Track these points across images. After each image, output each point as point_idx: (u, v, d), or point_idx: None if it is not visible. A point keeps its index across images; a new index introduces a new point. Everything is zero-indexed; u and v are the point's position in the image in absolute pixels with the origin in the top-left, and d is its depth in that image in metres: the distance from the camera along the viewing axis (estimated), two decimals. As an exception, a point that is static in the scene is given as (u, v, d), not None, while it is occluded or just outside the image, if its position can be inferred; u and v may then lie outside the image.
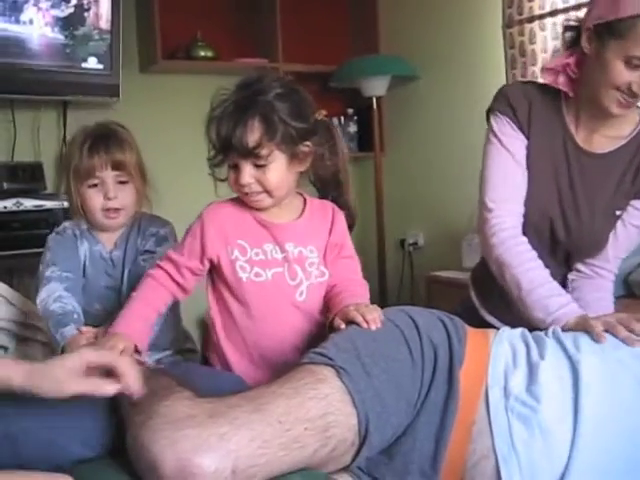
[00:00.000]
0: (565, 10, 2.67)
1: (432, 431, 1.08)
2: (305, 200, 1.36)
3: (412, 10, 3.53)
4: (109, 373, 0.99)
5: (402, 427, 1.08)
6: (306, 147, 1.27)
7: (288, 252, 1.30)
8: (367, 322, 1.15)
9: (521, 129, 1.50)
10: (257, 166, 1.23)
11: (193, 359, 1.58)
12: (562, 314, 1.31)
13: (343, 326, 1.19)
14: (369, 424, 1.02)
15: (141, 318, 1.27)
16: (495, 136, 1.52)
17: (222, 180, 1.31)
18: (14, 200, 2.87)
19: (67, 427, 1.03)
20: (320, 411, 0.99)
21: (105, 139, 1.52)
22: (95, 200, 1.52)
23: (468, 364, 1.13)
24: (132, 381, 0.98)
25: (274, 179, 1.25)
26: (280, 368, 1.19)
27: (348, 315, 1.19)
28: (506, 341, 1.18)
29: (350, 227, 1.40)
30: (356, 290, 1.32)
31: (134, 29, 3.41)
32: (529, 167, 1.51)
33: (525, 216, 1.50)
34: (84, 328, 1.39)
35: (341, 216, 1.37)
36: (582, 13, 1.46)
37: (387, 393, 1.06)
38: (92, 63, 3.11)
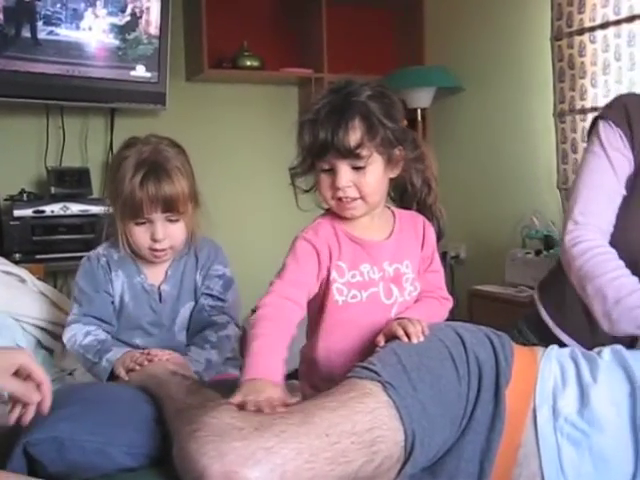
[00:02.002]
0: (617, 22, 2.62)
1: (477, 452, 1.06)
2: (394, 213, 1.31)
3: (458, 21, 3.51)
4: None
5: (447, 445, 1.06)
6: (399, 151, 1.23)
7: (385, 271, 1.25)
8: (409, 336, 1.13)
9: (632, 146, 1.38)
10: (355, 169, 1.19)
11: (233, 365, 1.56)
12: None
13: (382, 343, 1.16)
14: (415, 439, 1.01)
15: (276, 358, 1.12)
16: (601, 145, 1.39)
17: (306, 191, 1.28)
18: (61, 204, 2.93)
19: (113, 437, 1.04)
20: (367, 425, 0.98)
21: (156, 172, 1.38)
22: (142, 238, 1.42)
23: (515, 383, 1.10)
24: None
25: (372, 183, 1.20)
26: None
27: (391, 330, 1.17)
28: (555, 359, 1.15)
29: (439, 238, 1.34)
30: (425, 307, 1.28)
31: (181, 38, 3.46)
32: (634, 191, 1.38)
33: (621, 245, 1.37)
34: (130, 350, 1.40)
35: (431, 228, 1.32)
36: (635, 25, 1.38)
37: (433, 409, 1.04)
38: (140, 71, 3.18)
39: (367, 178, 1.19)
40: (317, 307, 1.26)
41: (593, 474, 1.02)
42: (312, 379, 1.31)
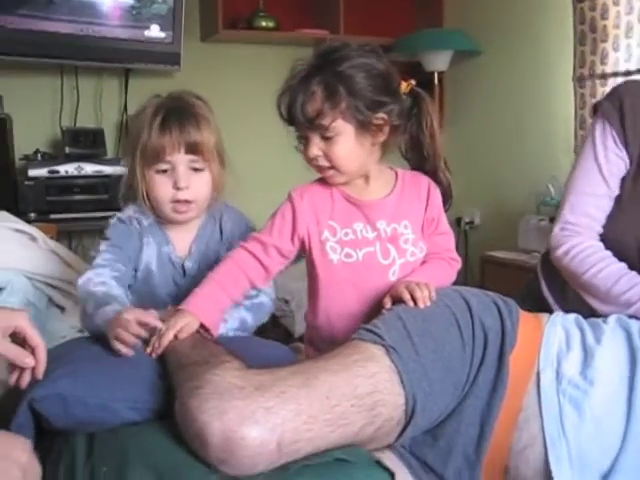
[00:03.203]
0: (641, -17, 2.55)
1: (478, 415, 1.07)
2: (397, 174, 1.30)
3: (478, -18, 3.43)
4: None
5: (448, 409, 1.07)
6: (380, 119, 1.21)
7: (380, 230, 1.25)
8: (416, 300, 1.13)
9: (626, 146, 1.38)
10: (324, 139, 1.19)
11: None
12: None
13: (389, 305, 1.17)
14: (416, 404, 1.02)
15: (212, 299, 1.20)
16: (593, 147, 1.41)
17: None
18: (76, 164, 2.94)
19: (116, 392, 1.04)
20: (367, 389, 0.98)
21: (179, 115, 1.28)
22: (163, 189, 1.29)
23: (519, 349, 1.11)
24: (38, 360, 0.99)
25: (341, 152, 1.20)
26: None
27: (398, 292, 1.16)
28: (560, 325, 1.16)
29: (445, 202, 1.34)
30: (433, 268, 1.27)
31: (196, -2, 3.42)
32: (627, 191, 1.39)
33: (613, 245, 1.39)
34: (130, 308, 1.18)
35: (436, 190, 1.31)
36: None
37: (435, 374, 1.04)
38: (155, 31, 3.15)
39: (335, 148, 1.19)
40: (314, 268, 1.27)
41: (593, 434, 1.03)
42: (315, 343, 1.32)
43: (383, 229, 1.25)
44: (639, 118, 1.37)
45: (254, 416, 0.89)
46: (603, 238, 1.42)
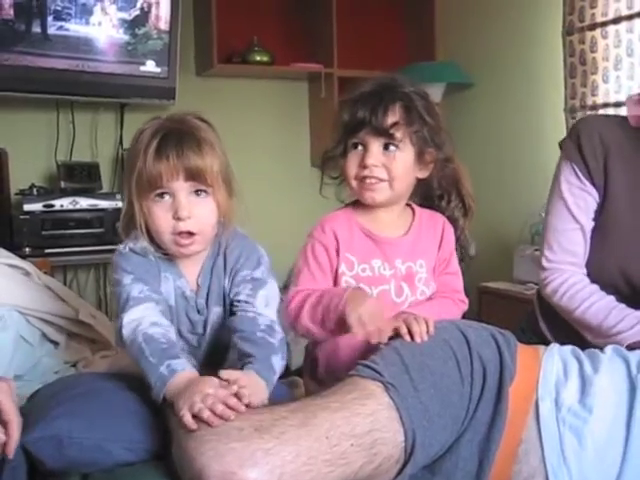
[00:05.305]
0: (629, 17, 2.59)
1: (477, 450, 1.06)
2: (414, 211, 1.31)
3: (469, 16, 3.49)
4: None
5: (447, 444, 1.06)
6: (432, 155, 1.24)
7: (397, 269, 1.25)
8: (412, 335, 1.11)
9: (591, 179, 1.40)
10: (386, 150, 1.20)
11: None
12: (636, 332, 1.26)
13: (385, 339, 1.14)
14: (415, 441, 1.00)
15: None
16: (558, 184, 1.44)
17: (334, 178, 1.29)
18: (70, 199, 2.94)
19: (112, 432, 1.03)
20: (367, 427, 0.97)
21: (179, 138, 1.12)
22: (163, 220, 1.13)
23: (518, 381, 1.10)
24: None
25: (400, 167, 1.21)
26: None
27: (395, 326, 1.15)
28: (557, 355, 1.16)
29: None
30: (438, 305, 1.27)
31: (191, 33, 3.46)
32: (607, 222, 1.41)
33: (599, 274, 1.42)
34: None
35: (451, 230, 1.32)
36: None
37: (434, 409, 1.03)
38: (150, 66, 3.17)
39: (397, 161, 1.20)
40: None
41: (593, 461, 1.02)
42: (316, 374, 1.30)
43: (399, 267, 1.25)
44: (598, 149, 1.39)
45: (253, 458, 0.88)
46: (588, 272, 1.44)
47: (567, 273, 1.43)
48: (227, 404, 0.94)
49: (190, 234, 1.14)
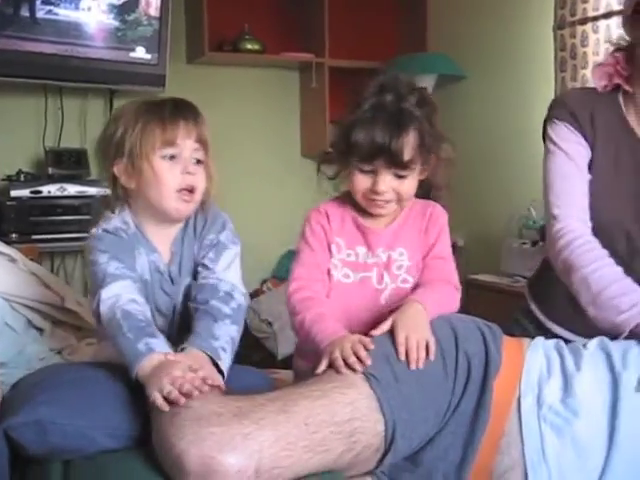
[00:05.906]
0: (620, 12, 2.59)
1: (460, 440, 1.07)
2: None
3: (461, 8, 3.48)
4: None
5: (429, 436, 1.07)
6: (432, 160, 1.26)
7: (379, 257, 1.28)
8: (409, 361, 1.08)
9: (584, 135, 1.43)
10: (398, 176, 1.22)
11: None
12: (636, 313, 1.22)
13: (377, 334, 1.13)
14: (395, 431, 1.01)
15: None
16: (554, 144, 1.44)
17: (331, 178, 1.31)
18: (58, 185, 2.93)
19: (95, 419, 1.03)
20: (346, 416, 0.98)
21: (187, 107, 1.25)
22: (171, 175, 1.20)
23: (502, 374, 1.11)
24: None
25: (410, 189, 1.25)
26: None
27: (395, 339, 1.10)
28: (541, 350, 1.16)
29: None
30: (442, 293, 1.25)
31: (182, 21, 3.44)
32: (597, 176, 1.43)
33: (596, 228, 1.41)
34: (172, 354, 1.09)
35: (439, 215, 1.31)
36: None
37: (416, 401, 1.04)
38: (140, 53, 3.15)
39: (406, 185, 1.24)
40: None
41: (574, 461, 1.03)
42: (305, 352, 1.31)
43: (380, 256, 1.28)
44: (585, 108, 1.43)
45: (232, 442, 0.89)
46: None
47: (580, 230, 1.40)
48: (194, 385, 0.98)
49: (191, 192, 1.22)
